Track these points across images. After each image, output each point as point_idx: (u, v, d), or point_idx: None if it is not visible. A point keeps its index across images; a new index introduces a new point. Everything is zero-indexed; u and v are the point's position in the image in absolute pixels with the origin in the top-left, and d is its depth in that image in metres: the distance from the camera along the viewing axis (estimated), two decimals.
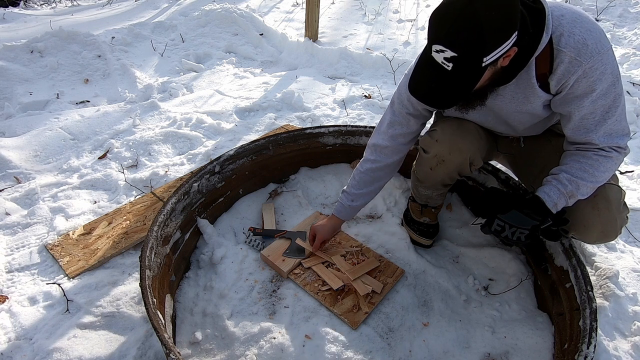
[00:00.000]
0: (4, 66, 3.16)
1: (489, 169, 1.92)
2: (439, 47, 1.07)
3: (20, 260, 1.75)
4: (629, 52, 3.92)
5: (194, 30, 4.33)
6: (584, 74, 1.19)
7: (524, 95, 1.32)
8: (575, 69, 1.19)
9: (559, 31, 1.18)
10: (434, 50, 1.09)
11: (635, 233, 2.03)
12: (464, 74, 1.09)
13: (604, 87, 1.21)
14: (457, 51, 1.05)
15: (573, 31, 1.17)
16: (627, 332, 1.56)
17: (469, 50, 1.04)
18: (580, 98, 1.24)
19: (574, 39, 1.17)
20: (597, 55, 1.17)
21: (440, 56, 1.08)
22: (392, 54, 3.81)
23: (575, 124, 1.30)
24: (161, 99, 3.13)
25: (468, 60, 1.06)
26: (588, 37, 1.16)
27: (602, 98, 1.22)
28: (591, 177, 1.30)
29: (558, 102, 1.30)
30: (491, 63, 1.08)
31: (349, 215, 1.75)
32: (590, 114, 1.26)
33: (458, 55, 1.05)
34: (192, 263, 1.81)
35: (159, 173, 2.26)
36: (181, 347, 1.49)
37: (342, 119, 2.91)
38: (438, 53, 1.08)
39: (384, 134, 1.60)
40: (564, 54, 1.18)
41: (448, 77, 1.11)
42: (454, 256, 1.90)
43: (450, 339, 1.55)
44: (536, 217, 1.30)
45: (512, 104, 1.36)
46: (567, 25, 1.18)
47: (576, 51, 1.17)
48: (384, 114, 1.62)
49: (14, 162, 2.31)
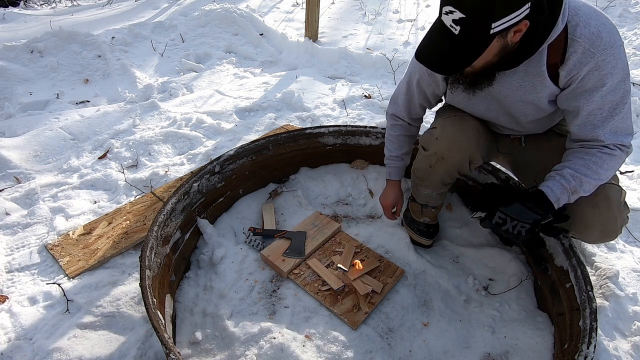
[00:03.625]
0: (4, 66, 3.16)
1: (489, 168, 1.92)
2: (449, 7, 1.07)
3: (20, 260, 1.75)
4: (629, 52, 3.93)
5: (194, 30, 4.33)
6: (596, 66, 1.18)
7: (531, 84, 1.31)
8: (587, 60, 1.18)
9: (574, 21, 1.18)
10: (444, 13, 1.10)
11: (635, 233, 2.03)
12: (471, 38, 1.09)
13: (614, 82, 1.21)
14: (465, 12, 1.05)
15: (589, 22, 1.17)
16: (627, 332, 1.56)
17: (477, 13, 1.04)
18: (590, 92, 1.23)
19: (589, 30, 1.17)
20: (610, 49, 1.16)
21: (449, 18, 1.08)
22: (392, 54, 3.81)
23: (582, 119, 1.29)
24: (161, 99, 3.13)
25: (476, 23, 1.06)
26: (603, 29, 1.16)
27: (612, 93, 1.22)
28: (594, 174, 1.29)
29: (566, 97, 1.30)
30: (500, 32, 1.07)
31: (402, 174, 1.89)
32: (598, 109, 1.25)
33: (466, 17, 1.05)
34: (192, 263, 1.81)
35: (159, 173, 2.26)
36: (181, 347, 1.49)
37: (342, 119, 2.91)
38: (447, 15, 1.09)
39: (400, 108, 1.73)
40: (578, 43, 1.18)
41: (455, 42, 1.11)
42: (454, 256, 1.90)
43: (450, 339, 1.55)
44: (538, 211, 1.29)
45: (519, 92, 1.35)
46: (583, 16, 1.18)
47: (590, 42, 1.17)
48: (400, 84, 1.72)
49: (14, 162, 2.31)
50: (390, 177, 1.87)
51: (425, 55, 1.19)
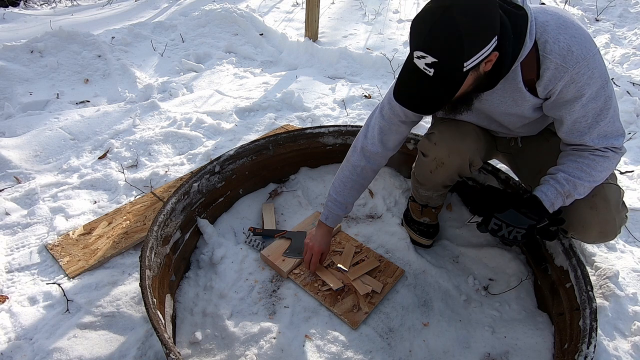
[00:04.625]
0: (4, 66, 3.16)
1: (489, 169, 1.92)
2: (419, 53, 1.08)
3: (20, 260, 1.75)
4: (629, 52, 3.92)
5: (194, 30, 4.33)
6: (571, 79, 1.19)
7: (512, 99, 1.33)
8: (561, 75, 1.19)
9: (543, 38, 1.19)
10: (415, 57, 1.10)
11: (635, 233, 2.03)
12: (445, 79, 1.10)
13: (593, 91, 1.21)
14: (437, 57, 1.06)
15: (558, 38, 1.17)
16: (627, 332, 1.56)
17: (448, 56, 1.05)
18: (571, 103, 1.24)
19: (559, 46, 1.17)
20: (583, 61, 1.17)
21: (422, 62, 1.09)
22: (392, 54, 3.81)
23: (568, 127, 1.30)
24: (161, 99, 3.12)
25: (449, 65, 1.07)
26: (573, 43, 1.17)
27: (593, 101, 1.23)
28: (588, 176, 1.30)
29: (549, 107, 1.31)
30: (472, 68, 1.08)
31: (338, 223, 1.75)
32: (582, 117, 1.26)
33: (439, 61, 1.06)
34: (192, 263, 1.81)
35: (159, 173, 2.26)
36: (181, 347, 1.49)
37: (342, 119, 2.91)
38: (419, 59, 1.09)
39: (373, 140, 1.58)
40: (550, 60, 1.19)
41: (430, 83, 1.11)
42: (454, 256, 1.90)
43: (450, 339, 1.55)
44: (533, 217, 1.30)
45: (501, 106, 1.37)
46: (552, 32, 1.18)
47: (561, 58, 1.17)
48: (372, 117, 1.59)
49: (14, 162, 2.31)
50: (327, 222, 1.68)
51: (404, 98, 1.19)
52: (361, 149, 1.61)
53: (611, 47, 4.08)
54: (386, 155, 1.62)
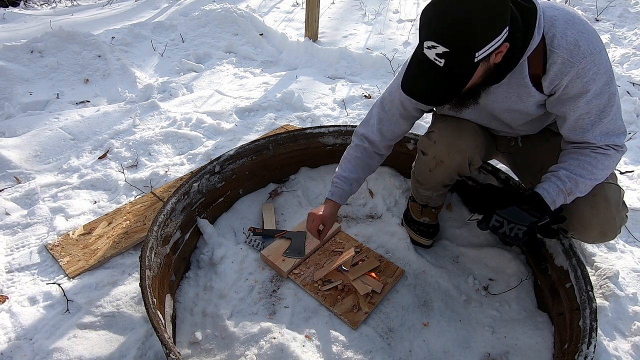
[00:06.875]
0: (4, 66, 3.16)
1: (489, 169, 1.92)
2: (430, 43, 1.07)
3: (20, 260, 1.75)
4: (629, 52, 3.92)
5: (194, 30, 4.33)
6: (577, 74, 1.19)
7: (517, 94, 1.32)
8: (568, 70, 1.19)
9: (551, 32, 1.18)
10: (425, 47, 1.09)
11: (635, 233, 2.03)
12: (456, 69, 1.09)
13: (598, 87, 1.21)
14: (448, 46, 1.04)
15: (565, 32, 1.17)
16: (627, 332, 1.56)
17: (460, 45, 1.04)
18: (575, 99, 1.24)
19: (566, 40, 1.17)
20: (590, 56, 1.17)
21: (432, 52, 1.08)
22: (392, 54, 3.81)
23: (571, 124, 1.30)
24: (161, 99, 3.13)
25: (460, 55, 1.06)
26: (580, 38, 1.17)
27: (597, 98, 1.23)
28: (590, 174, 1.30)
29: (553, 103, 1.31)
30: (483, 58, 1.08)
31: (346, 199, 1.66)
32: (585, 114, 1.26)
33: (450, 51, 1.05)
34: (192, 263, 1.81)
35: (159, 173, 2.26)
36: (181, 347, 1.49)
37: (342, 119, 2.91)
38: (430, 49, 1.08)
39: (372, 128, 1.60)
40: (557, 55, 1.19)
41: (441, 74, 1.10)
42: (454, 256, 1.90)
43: (450, 339, 1.55)
44: (535, 214, 1.29)
45: (505, 102, 1.36)
46: (559, 27, 1.18)
47: (568, 52, 1.17)
48: (374, 106, 1.61)
49: (14, 162, 2.31)
50: (332, 197, 1.62)
51: (413, 88, 1.18)
52: (362, 135, 1.63)
53: (611, 47, 4.08)
54: (386, 145, 1.63)
